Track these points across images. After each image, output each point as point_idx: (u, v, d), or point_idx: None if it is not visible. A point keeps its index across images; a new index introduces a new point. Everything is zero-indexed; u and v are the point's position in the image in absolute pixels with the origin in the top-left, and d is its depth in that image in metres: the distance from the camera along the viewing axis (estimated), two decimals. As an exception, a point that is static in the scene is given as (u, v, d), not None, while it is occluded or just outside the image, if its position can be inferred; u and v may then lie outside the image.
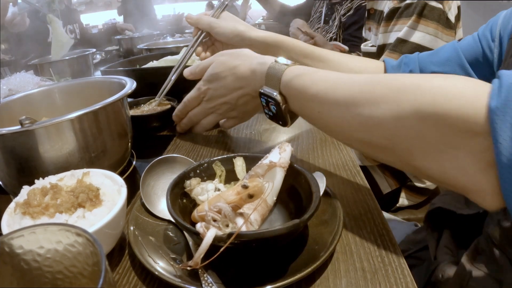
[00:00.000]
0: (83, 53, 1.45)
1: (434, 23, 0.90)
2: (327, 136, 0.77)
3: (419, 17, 0.91)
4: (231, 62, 0.63)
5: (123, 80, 0.70)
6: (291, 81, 0.52)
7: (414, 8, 0.92)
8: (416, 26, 0.91)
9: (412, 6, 0.93)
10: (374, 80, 0.42)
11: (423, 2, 0.91)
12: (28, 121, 0.50)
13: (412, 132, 0.38)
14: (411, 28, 0.92)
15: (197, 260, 0.36)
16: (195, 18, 0.81)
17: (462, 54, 0.65)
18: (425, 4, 0.91)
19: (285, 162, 0.46)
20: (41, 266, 0.28)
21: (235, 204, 0.41)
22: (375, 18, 1.13)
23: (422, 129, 0.37)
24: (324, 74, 0.49)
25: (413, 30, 0.92)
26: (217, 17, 0.82)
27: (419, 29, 0.91)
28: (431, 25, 0.90)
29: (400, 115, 0.38)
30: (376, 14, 1.12)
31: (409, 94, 0.37)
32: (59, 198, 0.42)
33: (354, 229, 0.47)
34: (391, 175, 1.11)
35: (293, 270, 0.38)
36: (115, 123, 0.62)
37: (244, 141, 0.78)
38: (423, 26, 0.91)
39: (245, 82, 0.61)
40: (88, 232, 0.26)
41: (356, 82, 0.44)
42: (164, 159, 0.54)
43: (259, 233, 0.37)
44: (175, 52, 1.18)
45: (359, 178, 0.60)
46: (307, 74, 0.51)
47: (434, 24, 0.90)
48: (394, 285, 0.38)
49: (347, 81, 0.45)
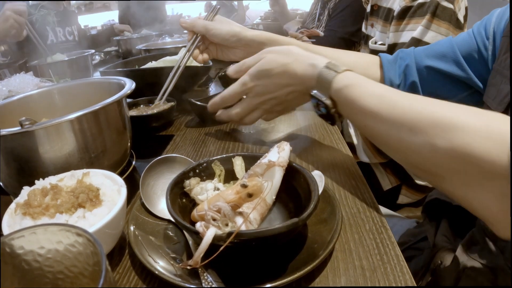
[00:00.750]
0: (82, 54, 1.45)
1: (446, 23, 0.91)
2: (326, 135, 0.77)
3: (433, 17, 0.92)
4: (282, 59, 0.63)
5: (122, 81, 0.70)
6: (340, 91, 0.55)
7: (427, 8, 0.93)
8: (430, 25, 0.92)
9: (426, 6, 0.93)
10: (417, 109, 0.46)
11: (436, 1, 0.92)
12: (28, 122, 0.50)
13: (445, 164, 0.42)
14: (425, 28, 0.93)
15: (197, 259, 0.36)
16: (189, 22, 0.83)
17: (458, 50, 0.65)
18: (438, 4, 0.92)
19: (284, 161, 0.47)
20: (42, 266, 0.28)
21: (234, 203, 0.41)
22: (379, 14, 1.12)
23: (453, 164, 0.41)
24: (372, 89, 0.52)
25: (427, 30, 0.93)
26: (211, 20, 0.83)
27: (432, 28, 0.92)
28: (443, 25, 0.91)
29: (435, 149, 0.42)
30: (381, 10, 1.12)
31: (445, 133, 0.41)
32: (59, 199, 0.42)
33: (353, 227, 0.47)
34: (392, 172, 1.12)
35: (292, 268, 0.38)
36: (114, 123, 0.62)
37: (243, 141, 0.78)
38: (435, 26, 0.92)
39: (296, 80, 0.62)
40: (88, 232, 0.26)
41: (399, 106, 0.48)
42: (163, 159, 0.54)
43: (258, 232, 0.37)
44: (174, 52, 1.18)
45: (358, 176, 0.60)
46: (356, 86, 0.54)
47: (446, 24, 0.91)
48: (393, 282, 0.38)
49: (390, 102, 0.49)
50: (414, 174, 0.48)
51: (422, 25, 0.93)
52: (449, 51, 0.66)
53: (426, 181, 0.46)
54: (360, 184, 0.58)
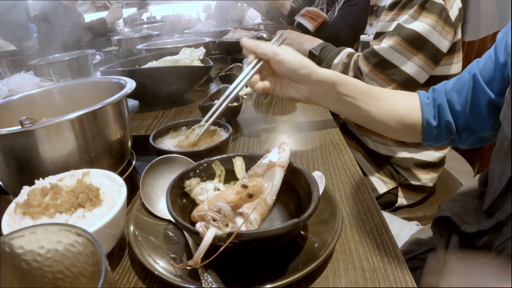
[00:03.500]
0: (83, 53, 1.45)
1: (435, 16, 0.92)
2: (327, 135, 0.77)
3: (421, 9, 0.93)
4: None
5: (122, 81, 0.70)
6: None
7: (416, 1, 0.94)
8: (417, 16, 0.93)
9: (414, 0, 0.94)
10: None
11: None
12: (29, 121, 0.50)
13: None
14: (412, 18, 0.94)
15: (197, 259, 0.36)
16: (254, 43, 0.70)
17: (481, 78, 0.61)
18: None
19: (284, 161, 0.46)
20: (42, 266, 0.28)
21: (234, 204, 0.41)
22: (378, 13, 1.14)
23: None
24: None
25: (413, 19, 0.94)
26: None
27: (419, 19, 0.93)
28: (431, 17, 0.92)
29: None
30: (379, 10, 1.13)
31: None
32: (59, 198, 0.42)
33: (354, 228, 0.47)
34: (384, 174, 1.12)
35: (293, 269, 0.38)
36: (115, 123, 0.62)
37: (244, 141, 0.78)
38: (423, 17, 0.93)
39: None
40: (88, 232, 0.26)
41: None
42: (164, 159, 0.54)
43: (258, 232, 0.37)
44: (174, 52, 1.18)
45: (358, 177, 0.60)
46: None
47: (435, 17, 0.92)
48: (393, 283, 0.38)
49: None
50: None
51: (409, 15, 0.94)
52: (471, 84, 0.63)
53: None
54: (361, 184, 0.58)
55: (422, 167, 1.09)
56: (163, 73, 0.98)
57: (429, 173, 1.10)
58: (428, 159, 1.09)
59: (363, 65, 1.02)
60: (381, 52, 0.97)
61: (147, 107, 1.06)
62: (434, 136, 0.69)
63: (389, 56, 0.96)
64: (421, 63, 0.94)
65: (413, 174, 1.09)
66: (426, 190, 1.13)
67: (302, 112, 0.94)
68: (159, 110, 1.03)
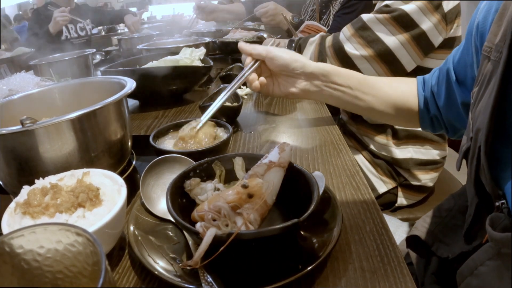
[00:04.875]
0: (83, 53, 1.45)
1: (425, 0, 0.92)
2: (327, 135, 0.77)
3: None
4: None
5: (123, 80, 0.70)
6: None
7: None
8: (407, 2, 0.94)
9: None
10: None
11: None
12: (29, 121, 0.50)
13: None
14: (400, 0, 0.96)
15: (197, 259, 0.36)
16: (250, 46, 0.76)
17: (454, 75, 0.60)
18: None
19: (284, 162, 0.46)
20: (41, 266, 0.28)
21: (234, 204, 0.41)
22: None
23: None
24: None
25: (401, 1, 0.95)
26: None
27: (408, 2, 0.94)
28: (421, 1, 0.93)
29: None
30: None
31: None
32: (59, 198, 0.42)
33: (353, 229, 0.47)
34: (384, 174, 1.12)
35: (293, 269, 0.38)
36: (115, 123, 0.62)
37: (244, 141, 0.78)
38: (412, 0, 0.94)
39: None
40: (88, 232, 0.26)
41: None
42: (164, 159, 0.54)
43: (258, 232, 0.37)
44: (175, 52, 1.18)
45: (358, 177, 0.60)
46: None
47: (425, 1, 0.92)
48: (393, 284, 0.38)
49: None
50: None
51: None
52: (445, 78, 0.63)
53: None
54: (361, 185, 0.58)
55: (422, 167, 1.09)
56: (163, 73, 0.98)
57: (429, 173, 1.10)
58: (428, 158, 1.09)
59: (347, 29, 1.02)
60: (365, 18, 0.99)
61: (147, 107, 1.06)
62: (430, 124, 0.70)
63: (373, 25, 0.97)
64: (403, 40, 0.95)
65: (413, 174, 1.09)
66: (426, 190, 1.13)
67: (302, 112, 0.94)
68: (159, 110, 1.03)
